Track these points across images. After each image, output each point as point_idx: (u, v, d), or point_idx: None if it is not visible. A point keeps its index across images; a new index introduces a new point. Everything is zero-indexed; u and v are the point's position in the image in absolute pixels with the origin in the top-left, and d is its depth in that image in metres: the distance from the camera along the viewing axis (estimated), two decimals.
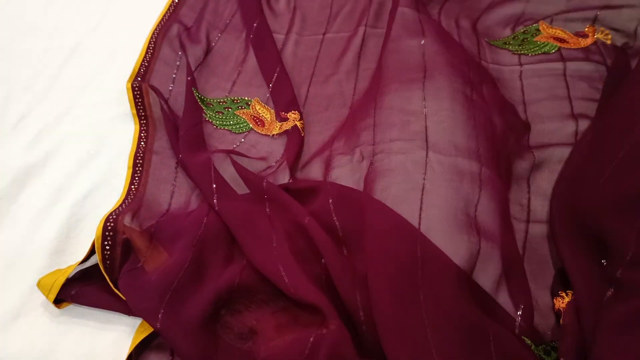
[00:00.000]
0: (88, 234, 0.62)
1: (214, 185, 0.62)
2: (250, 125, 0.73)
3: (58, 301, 0.55)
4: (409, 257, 0.52)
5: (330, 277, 0.54)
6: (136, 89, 0.73)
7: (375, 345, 0.51)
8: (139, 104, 0.72)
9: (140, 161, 0.67)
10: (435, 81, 0.66)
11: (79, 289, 0.55)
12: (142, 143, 0.69)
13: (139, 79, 0.75)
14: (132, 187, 0.65)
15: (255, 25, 0.85)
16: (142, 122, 0.71)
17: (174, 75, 0.78)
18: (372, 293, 0.50)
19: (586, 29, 0.81)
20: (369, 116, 0.68)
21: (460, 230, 0.55)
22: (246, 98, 0.77)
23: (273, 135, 0.72)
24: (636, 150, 0.55)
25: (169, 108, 0.73)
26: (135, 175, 0.66)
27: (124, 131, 0.71)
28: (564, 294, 0.54)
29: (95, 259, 0.57)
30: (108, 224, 0.57)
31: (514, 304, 0.54)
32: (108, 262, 0.56)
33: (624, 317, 0.46)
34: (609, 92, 0.71)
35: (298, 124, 0.72)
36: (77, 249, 0.60)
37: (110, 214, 0.59)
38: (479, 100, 0.66)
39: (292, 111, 0.74)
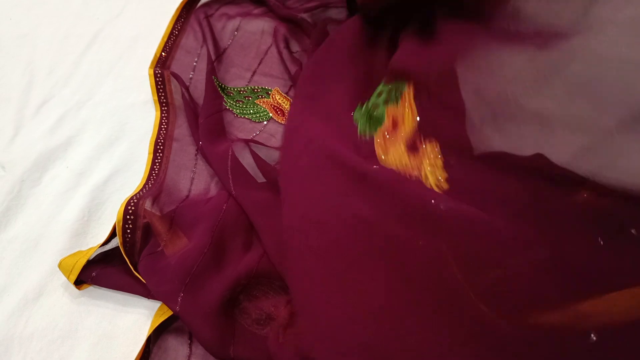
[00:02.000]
0: (109, 217, 0.62)
1: (232, 174, 0.62)
2: (270, 115, 0.73)
3: (79, 282, 0.56)
4: None
5: None
6: (158, 75, 0.73)
7: None
8: (161, 90, 0.73)
9: (161, 147, 0.68)
10: None
11: (99, 271, 0.56)
12: (163, 130, 0.70)
13: (160, 65, 0.75)
14: (153, 172, 0.65)
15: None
16: (163, 108, 0.72)
17: (194, 64, 0.78)
18: None
19: None
20: None
21: None
22: (266, 87, 0.77)
23: None
24: None
25: (189, 96, 0.73)
26: (156, 161, 0.66)
27: (144, 117, 0.72)
28: None
29: (116, 242, 0.58)
30: (129, 207, 0.58)
31: None
32: (128, 245, 0.57)
33: None
34: None
35: None
36: (98, 231, 0.61)
37: (131, 198, 0.59)
38: None
39: None
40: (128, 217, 0.57)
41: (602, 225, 0.42)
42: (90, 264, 0.56)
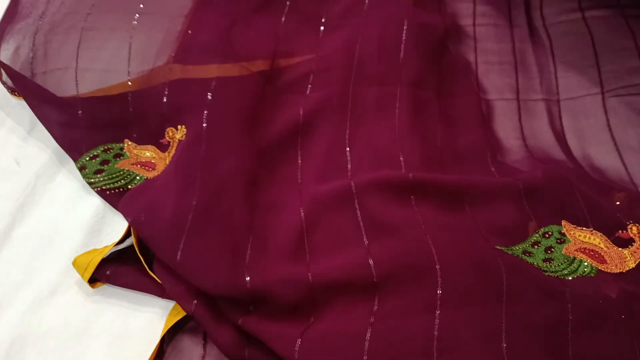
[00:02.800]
0: None
1: None
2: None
3: (93, 280, 0.56)
4: None
5: None
6: None
7: None
8: None
9: None
10: None
11: (113, 270, 0.56)
12: None
13: None
14: None
15: None
16: None
17: None
18: None
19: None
20: None
21: None
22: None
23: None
24: None
25: None
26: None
27: None
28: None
29: (131, 240, 0.57)
30: None
31: None
32: (143, 244, 0.56)
33: None
34: None
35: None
36: (112, 229, 0.61)
37: None
38: None
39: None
40: None
41: None
42: (105, 262, 0.56)
